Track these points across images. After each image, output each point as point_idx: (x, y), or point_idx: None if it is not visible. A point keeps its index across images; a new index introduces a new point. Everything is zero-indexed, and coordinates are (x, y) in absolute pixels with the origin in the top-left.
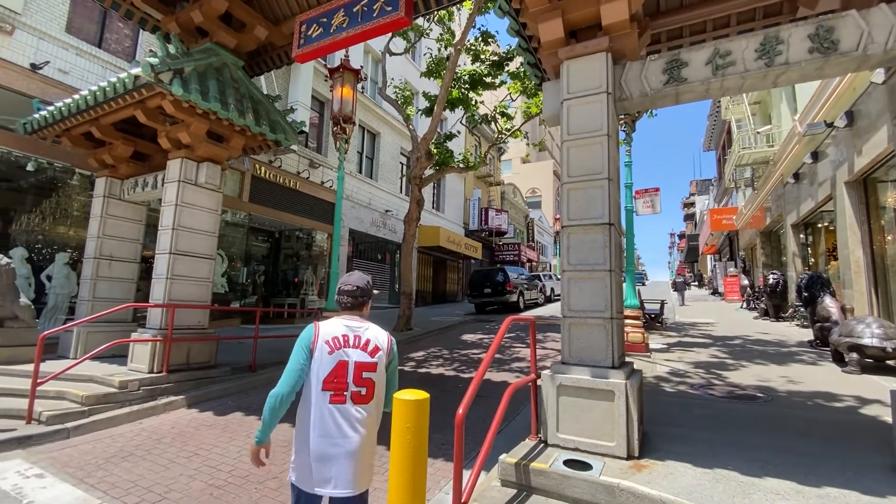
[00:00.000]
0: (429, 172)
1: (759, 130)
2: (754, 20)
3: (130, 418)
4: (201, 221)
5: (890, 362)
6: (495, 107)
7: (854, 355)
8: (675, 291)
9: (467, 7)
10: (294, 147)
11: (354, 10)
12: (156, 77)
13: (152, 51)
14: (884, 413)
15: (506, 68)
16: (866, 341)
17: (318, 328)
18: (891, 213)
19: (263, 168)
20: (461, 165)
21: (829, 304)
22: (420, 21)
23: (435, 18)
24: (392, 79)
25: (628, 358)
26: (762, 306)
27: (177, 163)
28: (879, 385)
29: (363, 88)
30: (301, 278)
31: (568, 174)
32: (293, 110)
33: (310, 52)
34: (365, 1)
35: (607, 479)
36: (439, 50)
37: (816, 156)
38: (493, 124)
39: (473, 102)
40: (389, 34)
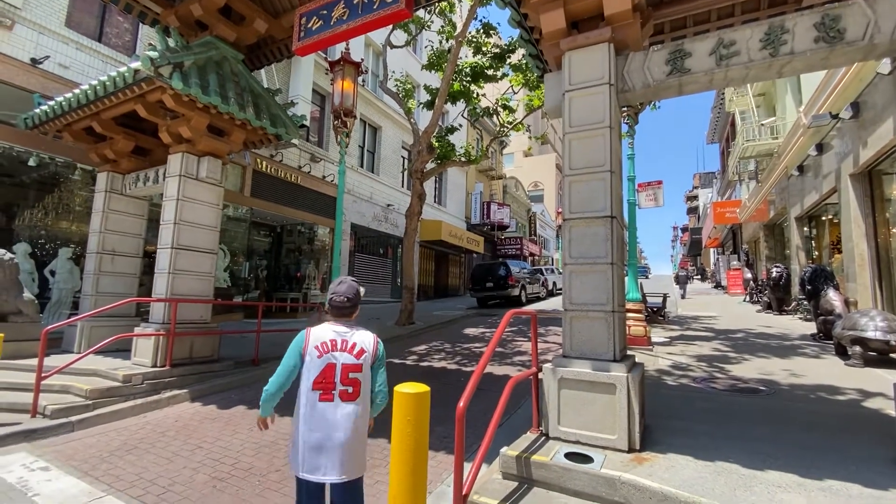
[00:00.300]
0: (430, 166)
1: (764, 122)
2: (759, 9)
3: (134, 412)
4: (203, 216)
5: (893, 355)
6: (497, 99)
7: (857, 348)
8: (678, 285)
9: None
10: (295, 141)
11: (355, 2)
12: (155, 71)
13: (151, 44)
14: (887, 406)
15: (507, 60)
16: (870, 334)
17: (309, 334)
18: None
19: (265, 162)
20: (463, 159)
21: (833, 298)
22: (421, 13)
23: (436, 10)
24: (393, 72)
25: (630, 351)
26: (765, 300)
27: (178, 157)
28: (883, 378)
29: (364, 82)
30: (303, 273)
31: (570, 167)
32: (294, 104)
33: (310, 45)
34: None
35: (608, 472)
36: (440, 42)
37: (821, 148)
38: (495, 117)
39: (475, 95)
40: (390, 26)
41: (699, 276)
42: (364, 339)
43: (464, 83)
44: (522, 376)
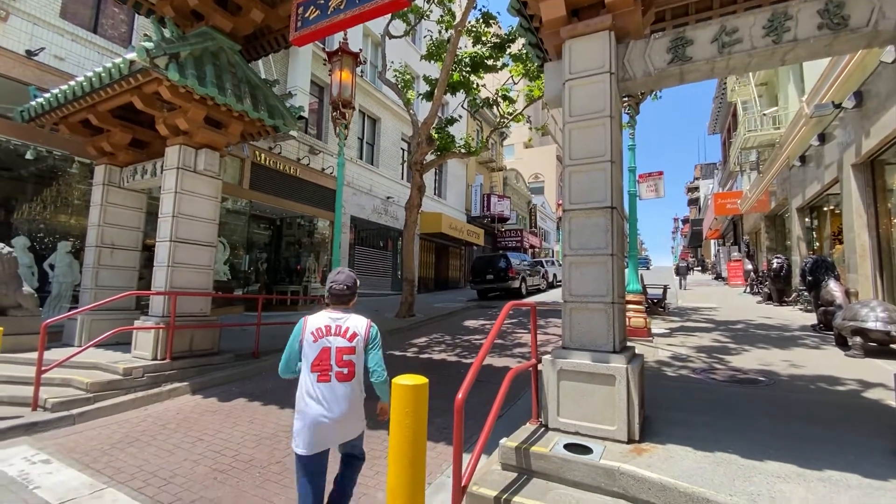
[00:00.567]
0: (430, 158)
1: (766, 112)
2: None
3: (135, 405)
4: (201, 209)
5: (894, 346)
6: (497, 90)
7: (857, 339)
8: (678, 276)
9: None
10: (293, 133)
11: None
12: (151, 62)
13: (147, 35)
14: (887, 397)
15: (507, 50)
16: (870, 325)
17: (306, 322)
18: None
19: (263, 155)
20: (463, 151)
21: (834, 288)
22: (420, 2)
23: None
24: (392, 62)
25: (630, 342)
26: (765, 291)
27: (175, 149)
28: (883, 369)
29: (362, 72)
30: (303, 265)
31: (570, 157)
32: (292, 95)
33: (307, 35)
34: None
35: (607, 463)
36: (440, 32)
37: (823, 138)
38: (495, 108)
39: (475, 86)
40: (388, 16)
41: (699, 268)
42: (357, 324)
43: (463, 73)
44: (522, 368)
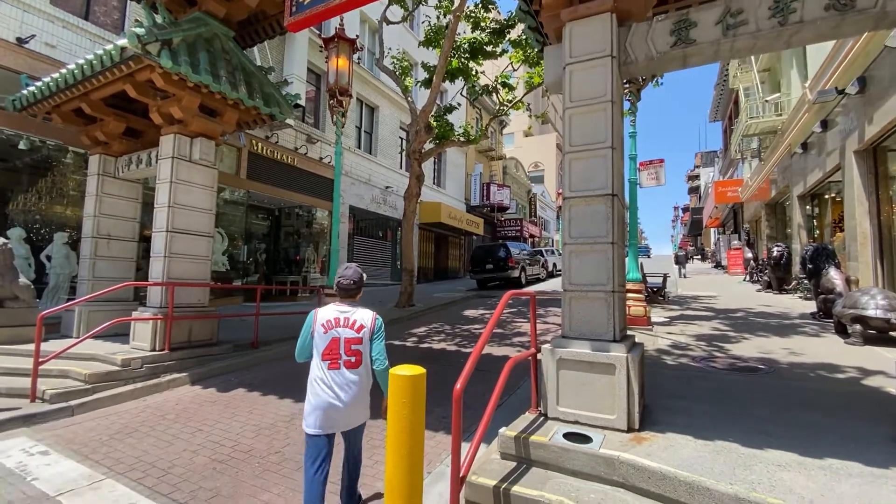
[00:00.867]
0: (429, 146)
1: (768, 99)
2: None
3: (134, 395)
4: (197, 198)
5: (893, 334)
6: (496, 77)
7: (857, 327)
8: (677, 264)
9: None
10: (290, 122)
11: None
12: (143, 48)
13: (138, 21)
14: (887, 384)
15: (507, 36)
16: (870, 313)
17: (317, 314)
18: None
19: (260, 144)
20: (462, 139)
21: (834, 276)
22: None
23: None
24: (389, 49)
25: (630, 331)
26: (765, 279)
27: (170, 138)
28: (883, 356)
29: (360, 59)
30: (303, 256)
31: (570, 143)
32: (288, 83)
33: (302, 20)
34: None
35: (607, 452)
36: (438, 18)
37: (826, 124)
38: (495, 95)
39: (474, 73)
40: (385, 0)
41: (699, 256)
42: (363, 316)
43: (462, 60)
44: (521, 357)
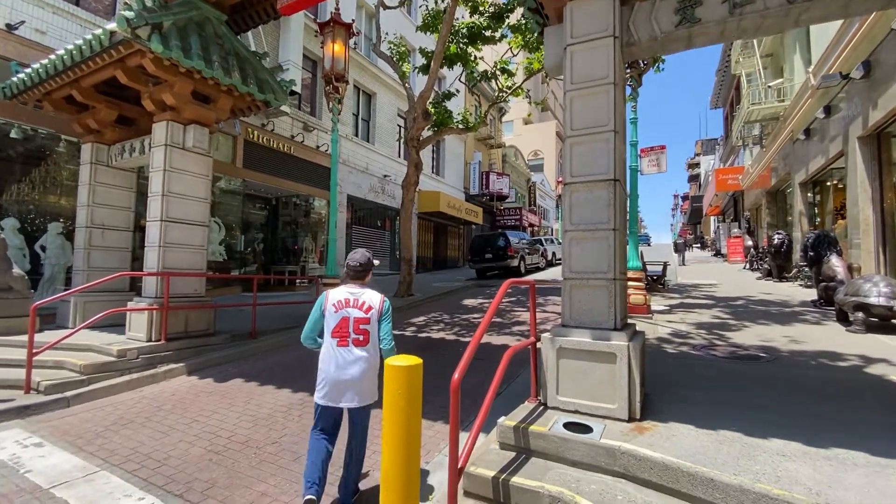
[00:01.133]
0: (427, 134)
1: (770, 84)
2: None
3: (130, 386)
4: (192, 187)
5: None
6: (495, 63)
7: (859, 314)
8: (676, 253)
9: None
10: (286, 109)
11: None
12: (132, 32)
13: (127, 3)
14: (890, 372)
15: (506, 21)
16: (873, 300)
17: (328, 294)
18: None
19: (256, 132)
20: (460, 126)
21: (836, 264)
22: None
23: None
24: (386, 34)
25: (630, 320)
26: (765, 267)
27: (162, 126)
28: (885, 344)
29: (356, 45)
30: (300, 245)
31: (571, 127)
32: (283, 69)
33: (296, 3)
34: None
35: (608, 442)
36: (436, 2)
37: (829, 110)
38: (494, 82)
39: (472, 58)
40: None
41: (698, 245)
42: (372, 298)
43: (461, 45)
44: (521, 346)
